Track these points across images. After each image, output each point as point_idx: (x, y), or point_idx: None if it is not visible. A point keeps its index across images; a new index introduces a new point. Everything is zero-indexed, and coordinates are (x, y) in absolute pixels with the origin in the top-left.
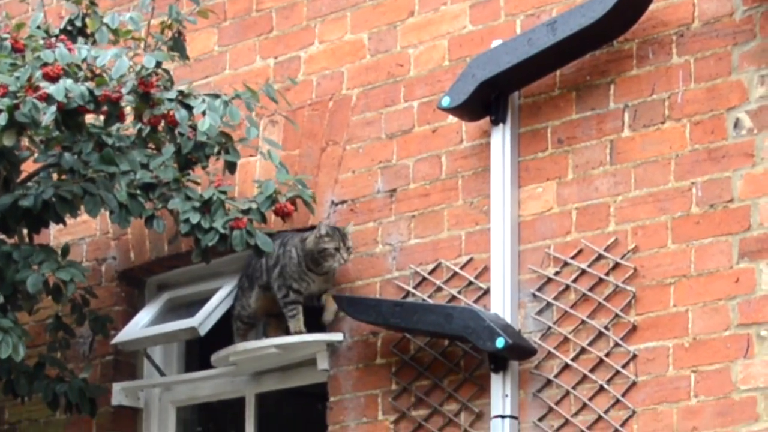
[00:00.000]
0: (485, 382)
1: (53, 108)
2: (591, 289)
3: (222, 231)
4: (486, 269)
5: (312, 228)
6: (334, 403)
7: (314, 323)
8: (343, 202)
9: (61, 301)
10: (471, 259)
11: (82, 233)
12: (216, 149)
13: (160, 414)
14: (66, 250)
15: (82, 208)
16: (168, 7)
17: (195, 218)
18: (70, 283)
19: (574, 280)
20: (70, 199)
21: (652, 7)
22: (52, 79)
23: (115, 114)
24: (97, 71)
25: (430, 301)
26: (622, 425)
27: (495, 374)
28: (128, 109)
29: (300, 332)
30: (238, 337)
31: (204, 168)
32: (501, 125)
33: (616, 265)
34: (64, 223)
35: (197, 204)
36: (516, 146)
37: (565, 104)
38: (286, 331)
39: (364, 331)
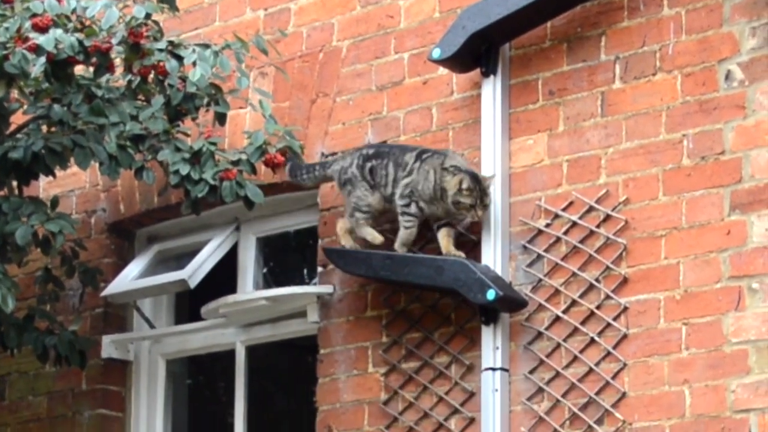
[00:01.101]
0: (476, 334)
1: (43, 59)
2: (582, 242)
3: (212, 182)
4: (476, 221)
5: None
6: (324, 356)
7: (305, 275)
8: (333, 153)
9: (50, 253)
10: None
11: (72, 185)
12: (206, 100)
13: (149, 366)
14: (55, 202)
15: (72, 159)
16: None
17: (185, 169)
18: (59, 235)
19: (565, 232)
20: (59, 151)
21: None
22: (42, 29)
23: (104, 65)
24: (87, 22)
25: (421, 253)
26: (613, 378)
27: (485, 327)
28: (118, 61)
29: (407, 246)
30: (361, 228)
31: (194, 119)
32: (492, 77)
33: (607, 217)
34: (54, 175)
35: (187, 155)
36: (507, 98)
37: (556, 56)
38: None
39: (354, 283)
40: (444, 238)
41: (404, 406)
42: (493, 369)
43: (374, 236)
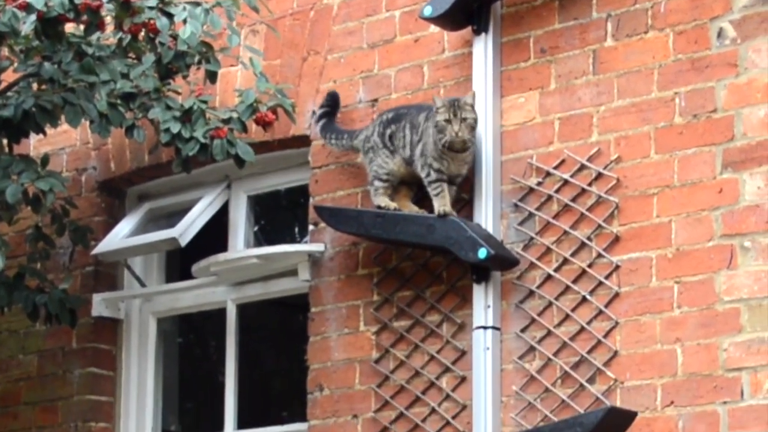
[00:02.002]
0: (467, 292)
1: (33, 17)
2: (573, 200)
3: (202, 140)
4: (468, 180)
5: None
6: (315, 314)
7: (296, 233)
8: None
9: (41, 212)
10: None
11: (62, 143)
12: (197, 59)
13: (140, 325)
14: (46, 160)
15: (63, 118)
16: None
17: (175, 128)
18: (49, 193)
19: (557, 191)
20: (50, 109)
21: None
22: None
23: (95, 23)
24: None
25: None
26: (605, 336)
27: (477, 285)
28: (108, 19)
29: (445, 212)
30: (378, 197)
31: (185, 77)
32: (483, 35)
33: (599, 176)
34: (44, 133)
35: (178, 113)
36: (498, 56)
37: (547, 13)
38: (416, 202)
39: (345, 241)
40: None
41: (395, 365)
42: (485, 327)
43: (389, 205)
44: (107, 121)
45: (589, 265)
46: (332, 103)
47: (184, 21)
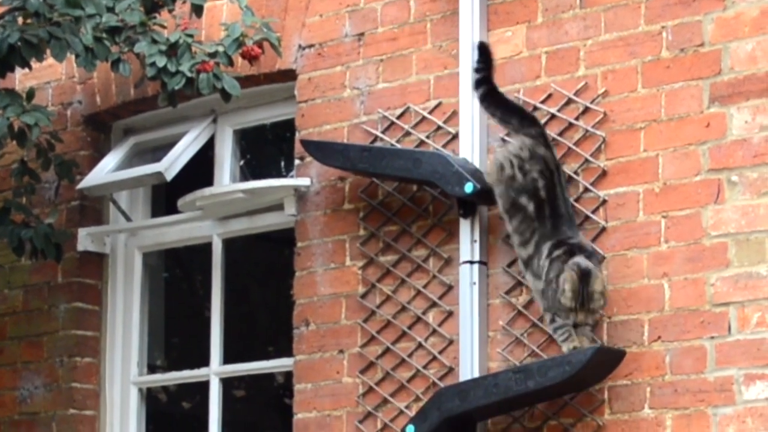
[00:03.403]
0: (454, 227)
1: None
2: (561, 134)
3: (188, 74)
4: (455, 114)
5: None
6: (301, 249)
7: (282, 167)
8: (311, 46)
9: (26, 145)
10: (440, 104)
11: (48, 77)
12: None
13: (125, 259)
14: (31, 94)
15: (48, 51)
16: None
17: (161, 62)
18: (34, 127)
19: (544, 125)
20: (35, 43)
21: None
22: None
23: None
24: None
25: (399, 145)
26: None
27: (464, 219)
28: None
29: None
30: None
31: (170, 11)
32: None
33: (586, 110)
34: (30, 67)
35: (163, 47)
36: None
37: None
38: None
39: (331, 176)
40: None
41: (382, 300)
42: (471, 262)
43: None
44: (93, 55)
45: (576, 200)
46: (486, 61)
47: None
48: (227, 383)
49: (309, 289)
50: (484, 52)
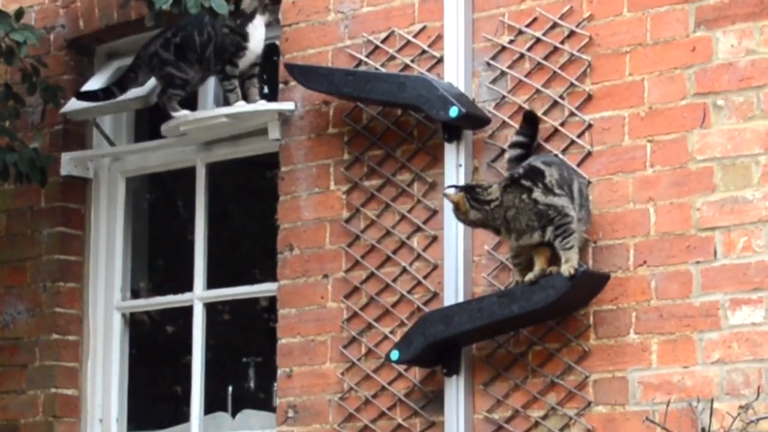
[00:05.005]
0: (438, 151)
1: None
2: (546, 58)
3: None
4: (439, 37)
5: None
6: (285, 173)
7: (266, 92)
8: None
9: (14, 63)
10: (424, 27)
11: (31, 1)
12: None
13: (109, 184)
14: (20, 13)
15: None
16: None
17: None
18: (23, 45)
19: (529, 49)
20: None
21: None
22: None
23: None
24: None
25: (383, 69)
26: None
27: (448, 144)
28: None
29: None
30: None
31: None
32: None
33: (572, 34)
34: None
35: None
36: None
37: None
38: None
39: (316, 100)
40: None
41: (366, 224)
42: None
43: None
44: None
45: (562, 124)
46: (532, 130)
47: None
48: (211, 308)
49: (293, 214)
50: (531, 121)
